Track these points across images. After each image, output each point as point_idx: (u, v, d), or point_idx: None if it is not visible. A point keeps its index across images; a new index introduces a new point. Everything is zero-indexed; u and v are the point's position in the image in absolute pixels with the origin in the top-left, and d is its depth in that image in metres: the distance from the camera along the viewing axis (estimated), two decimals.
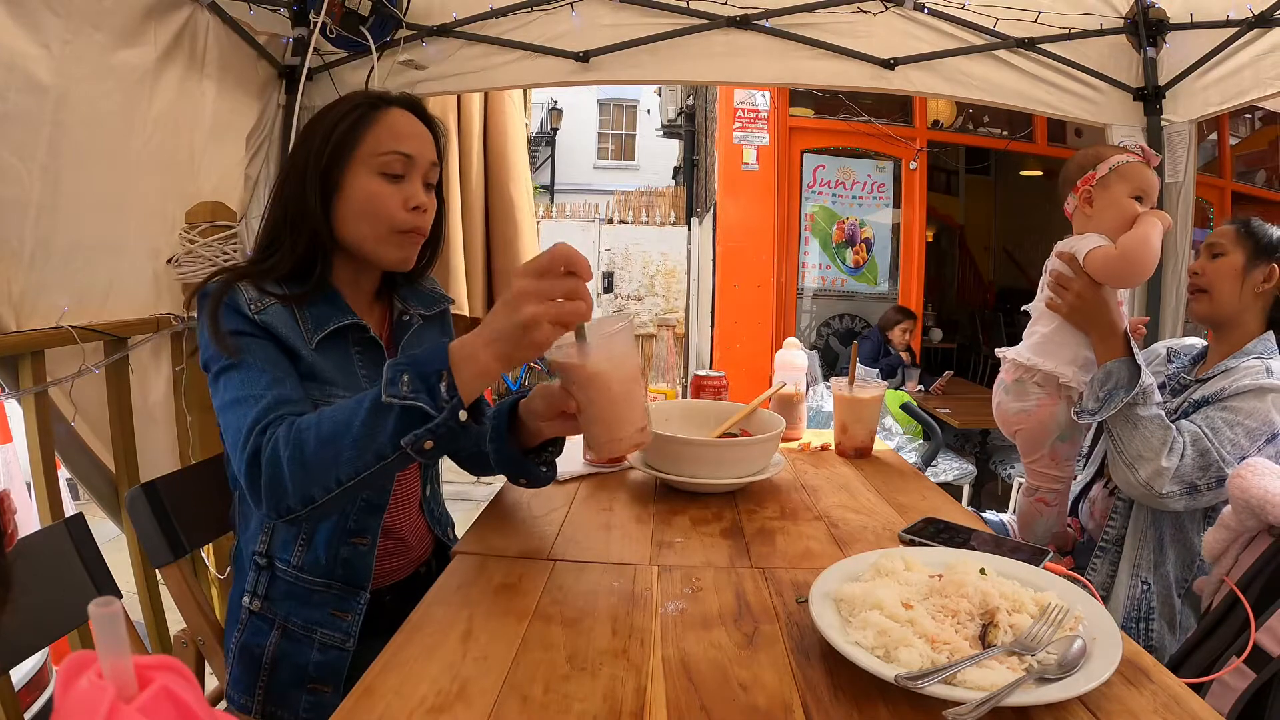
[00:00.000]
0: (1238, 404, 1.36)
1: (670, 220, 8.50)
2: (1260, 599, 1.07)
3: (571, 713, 0.67)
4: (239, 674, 1.09)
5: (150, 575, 1.72)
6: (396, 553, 1.18)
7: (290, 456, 0.89)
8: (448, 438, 0.87)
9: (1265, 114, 5.52)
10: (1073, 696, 0.67)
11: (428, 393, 0.85)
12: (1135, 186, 1.42)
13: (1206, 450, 1.32)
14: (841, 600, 0.81)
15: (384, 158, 1.07)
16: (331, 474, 0.88)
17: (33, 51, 1.52)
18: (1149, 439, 1.35)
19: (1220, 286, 1.48)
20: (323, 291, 1.09)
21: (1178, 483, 1.33)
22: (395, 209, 1.07)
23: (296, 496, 0.89)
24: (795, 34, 2.45)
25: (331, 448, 0.87)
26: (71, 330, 1.58)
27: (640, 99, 15.39)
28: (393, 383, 0.86)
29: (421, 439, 0.85)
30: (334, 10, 2.20)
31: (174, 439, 1.98)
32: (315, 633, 1.07)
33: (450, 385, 0.85)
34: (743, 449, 1.29)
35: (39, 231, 1.56)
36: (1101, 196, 1.44)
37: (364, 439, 0.86)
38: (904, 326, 4.87)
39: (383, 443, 0.86)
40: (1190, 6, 2.31)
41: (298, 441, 0.89)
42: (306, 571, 1.08)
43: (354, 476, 0.88)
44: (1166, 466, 1.33)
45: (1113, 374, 1.39)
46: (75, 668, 0.38)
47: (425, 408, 0.84)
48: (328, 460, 0.88)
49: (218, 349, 0.99)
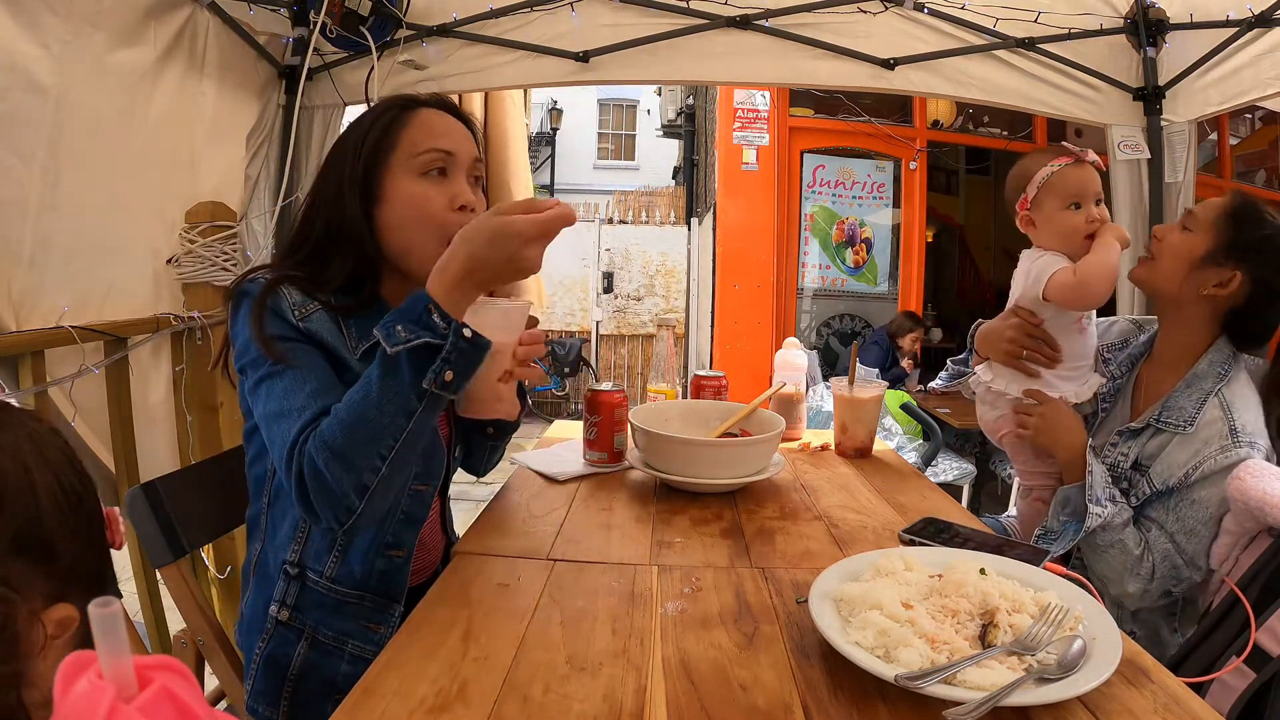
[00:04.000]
0: (1205, 495, 1.27)
1: (670, 220, 8.51)
2: (1260, 599, 1.07)
3: (571, 713, 0.67)
4: (263, 686, 1.05)
5: (150, 575, 1.72)
6: (418, 558, 1.16)
7: (326, 459, 0.88)
8: (463, 362, 0.88)
9: (1265, 114, 5.51)
10: (1073, 696, 0.67)
11: (425, 327, 0.86)
12: (1067, 195, 1.38)
13: (1178, 566, 1.29)
14: (841, 600, 0.81)
15: (423, 157, 1.04)
16: (372, 451, 0.88)
17: (33, 52, 1.52)
18: (1111, 564, 1.33)
19: (1165, 264, 1.37)
20: (371, 307, 1.06)
21: (1147, 599, 1.32)
22: (441, 210, 1.04)
23: (350, 493, 0.88)
24: (795, 34, 2.45)
25: (362, 428, 0.87)
26: (71, 330, 1.58)
27: (640, 99, 15.38)
28: (390, 337, 0.86)
29: (440, 371, 0.86)
30: (334, 10, 2.20)
31: (174, 439, 1.98)
32: (347, 644, 1.04)
33: (442, 313, 0.87)
34: (743, 449, 1.29)
35: (39, 231, 1.56)
36: (1039, 217, 1.43)
37: (387, 403, 0.87)
38: (915, 335, 4.87)
39: (406, 395, 0.87)
40: (1190, 6, 2.31)
41: (326, 441, 0.88)
42: (340, 583, 1.04)
43: (395, 444, 0.88)
44: (1133, 591, 1.31)
45: (1070, 500, 1.38)
46: (75, 668, 0.38)
47: (429, 339, 0.86)
48: (362, 441, 0.87)
49: (261, 353, 0.96)
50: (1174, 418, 1.33)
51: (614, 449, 1.41)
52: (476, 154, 1.10)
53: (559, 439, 1.64)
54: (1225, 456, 1.24)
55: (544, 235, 0.88)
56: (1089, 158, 1.40)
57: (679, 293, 8.26)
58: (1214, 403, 1.30)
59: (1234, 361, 1.34)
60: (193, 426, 1.98)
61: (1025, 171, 1.44)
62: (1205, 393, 1.31)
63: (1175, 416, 1.33)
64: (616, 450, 1.42)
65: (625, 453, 1.42)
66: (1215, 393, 1.30)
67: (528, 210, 0.88)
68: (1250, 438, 1.25)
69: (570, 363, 7.92)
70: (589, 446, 1.42)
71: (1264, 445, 1.26)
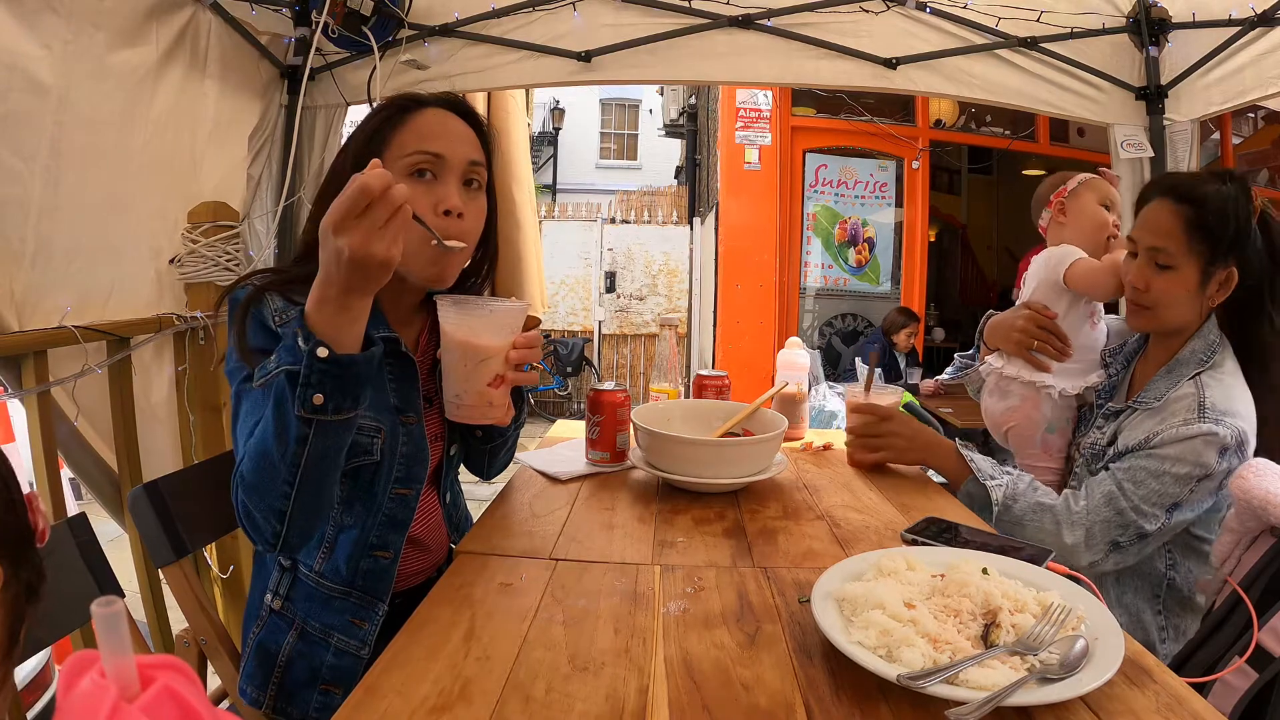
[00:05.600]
0: (1166, 451, 1.26)
1: (672, 220, 8.51)
2: (1263, 599, 1.07)
3: (574, 712, 0.67)
4: (253, 668, 1.09)
5: (153, 575, 1.73)
6: (417, 558, 1.17)
7: (245, 489, 0.89)
8: (331, 383, 0.83)
9: (1267, 113, 5.50)
10: (1075, 696, 0.67)
11: (289, 352, 0.84)
12: (1103, 195, 1.56)
13: (1122, 509, 1.26)
14: (844, 600, 0.81)
15: (410, 159, 1.03)
16: (278, 479, 0.86)
17: (34, 52, 1.52)
18: (1040, 528, 1.31)
19: (1166, 312, 1.34)
20: None
21: (1094, 550, 1.28)
22: (425, 214, 1.01)
23: (268, 520, 0.89)
24: (797, 33, 2.45)
25: (263, 459, 0.86)
26: (74, 330, 1.59)
27: (642, 99, 15.39)
28: (262, 367, 0.86)
29: (306, 397, 0.82)
30: (336, 10, 2.20)
31: (176, 438, 1.99)
32: (332, 637, 1.07)
33: (306, 335, 0.82)
34: (745, 448, 1.29)
35: (41, 231, 1.57)
36: (1073, 205, 1.56)
37: (280, 431, 0.85)
38: (909, 330, 4.87)
39: (290, 423, 0.84)
40: (1192, 5, 2.31)
41: (242, 473, 0.89)
42: (328, 578, 1.07)
43: (297, 470, 0.86)
44: (1071, 543, 1.29)
45: (974, 496, 1.38)
46: (78, 667, 0.38)
47: (288, 366, 0.83)
48: (265, 471, 0.86)
49: (242, 362, 0.97)
50: (1149, 398, 1.35)
51: (616, 448, 1.41)
52: (474, 156, 1.08)
53: (561, 438, 1.64)
54: (1187, 428, 1.24)
55: (351, 214, 0.78)
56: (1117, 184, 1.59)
57: (681, 292, 8.26)
58: (1189, 383, 1.30)
59: (1220, 348, 1.33)
60: (195, 426, 1.98)
61: (1067, 175, 1.61)
62: (1183, 376, 1.32)
63: (1151, 396, 1.35)
64: (619, 450, 1.42)
65: (628, 452, 1.42)
66: (1193, 376, 1.31)
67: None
68: (1218, 414, 1.23)
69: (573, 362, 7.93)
70: (591, 446, 1.42)
71: (1233, 425, 1.23)
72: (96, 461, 1.82)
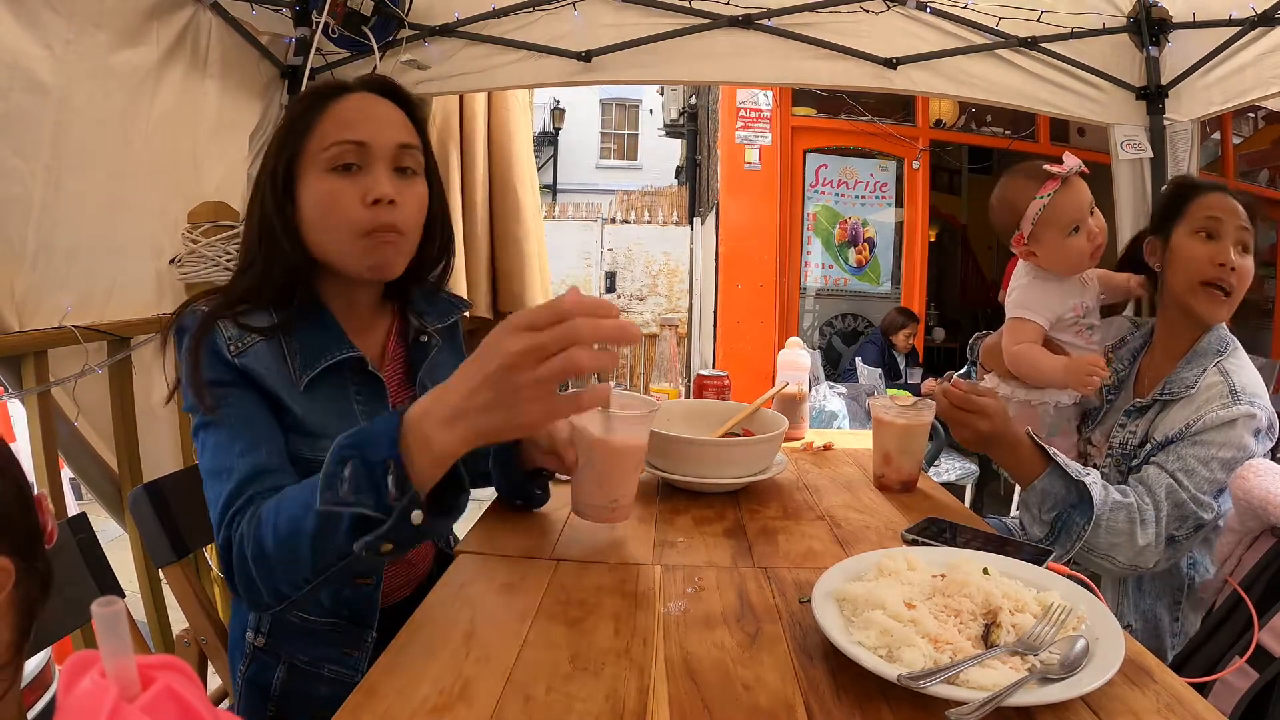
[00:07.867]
0: (1210, 437, 1.26)
1: (673, 220, 8.51)
2: (1263, 599, 1.07)
3: (574, 712, 0.67)
4: (247, 706, 1.04)
5: (153, 575, 1.73)
6: (399, 574, 1.13)
7: (254, 555, 0.82)
8: (406, 543, 0.75)
9: (1268, 113, 5.49)
10: (1075, 696, 0.67)
11: (372, 491, 0.72)
12: (1066, 224, 1.38)
13: (1181, 501, 1.24)
14: (844, 600, 0.81)
15: (331, 151, 0.95)
16: (297, 573, 0.80)
17: (35, 51, 1.52)
18: (1115, 529, 1.23)
19: (1242, 291, 1.34)
20: (310, 315, 0.99)
21: (1160, 548, 1.25)
22: (351, 206, 0.95)
23: (268, 594, 0.83)
24: (798, 34, 2.45)
25: (290, 548, 0.79)
26: (74, 330, 1.59)
27: (642, 99, 15.39)
28: (331, 480, 0.73)
29: (374, 545, 0.73)
30: (336, 10, 2.20)
31: (177, 438, 1.99)
32: (323, 668, 1.03)
33: (400, 478, 0.71)
34: (745, 449, 1.29)
35: (41, 231, 1.57)
36: (1041, 249, 1.43)
37: (320, 539, 0.76)
38: (909, 331, 4.87)
39: (340, 544, 0.75)
40: (1193, 6, 2.31)
41: (258, 539, 0.82)
42: (311, 613, 1.02)
43: (320, 574, 0.79)
44: (1144, 544, 1.23)
45: (1049, 494, 1.25)
46: (78, 667, 0.38)
47: (366, 511, 0.72)
48: (288, 560, 0.80)
49: (195, 399, 0.91)
50: (1176, 389, 1.34)
51: None
52: (404, 139, 0.99)
53: None
54: (1226, 412, 1.26)
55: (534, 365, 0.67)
56: (1070, 169, 1.37)
57: (681, 292, 8.26)
58: (1213, 370, 1.32)
59: (1232, 339, 1.37)
60: None
61: (1012, 202, 1.42)
62: (1205, 365, 1.33)
63: (1178, 387, 1.34)
64: None
65: None
66: (1214, 364, 1.32)
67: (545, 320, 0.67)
68: (1250, 397, 1.27)
69: None
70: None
71: (1265, 406, 1.27)
72: (97, 461, 1.82)
